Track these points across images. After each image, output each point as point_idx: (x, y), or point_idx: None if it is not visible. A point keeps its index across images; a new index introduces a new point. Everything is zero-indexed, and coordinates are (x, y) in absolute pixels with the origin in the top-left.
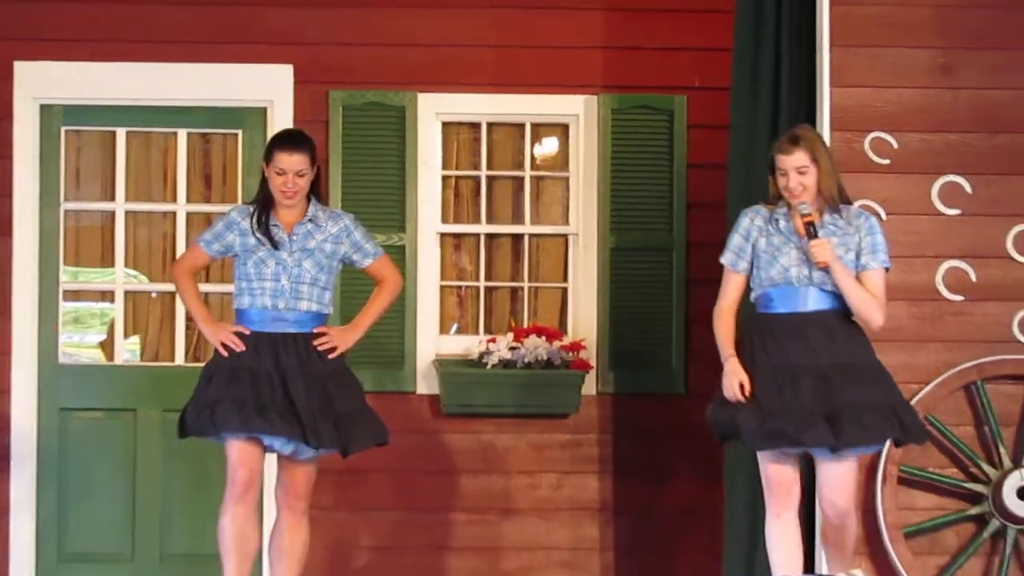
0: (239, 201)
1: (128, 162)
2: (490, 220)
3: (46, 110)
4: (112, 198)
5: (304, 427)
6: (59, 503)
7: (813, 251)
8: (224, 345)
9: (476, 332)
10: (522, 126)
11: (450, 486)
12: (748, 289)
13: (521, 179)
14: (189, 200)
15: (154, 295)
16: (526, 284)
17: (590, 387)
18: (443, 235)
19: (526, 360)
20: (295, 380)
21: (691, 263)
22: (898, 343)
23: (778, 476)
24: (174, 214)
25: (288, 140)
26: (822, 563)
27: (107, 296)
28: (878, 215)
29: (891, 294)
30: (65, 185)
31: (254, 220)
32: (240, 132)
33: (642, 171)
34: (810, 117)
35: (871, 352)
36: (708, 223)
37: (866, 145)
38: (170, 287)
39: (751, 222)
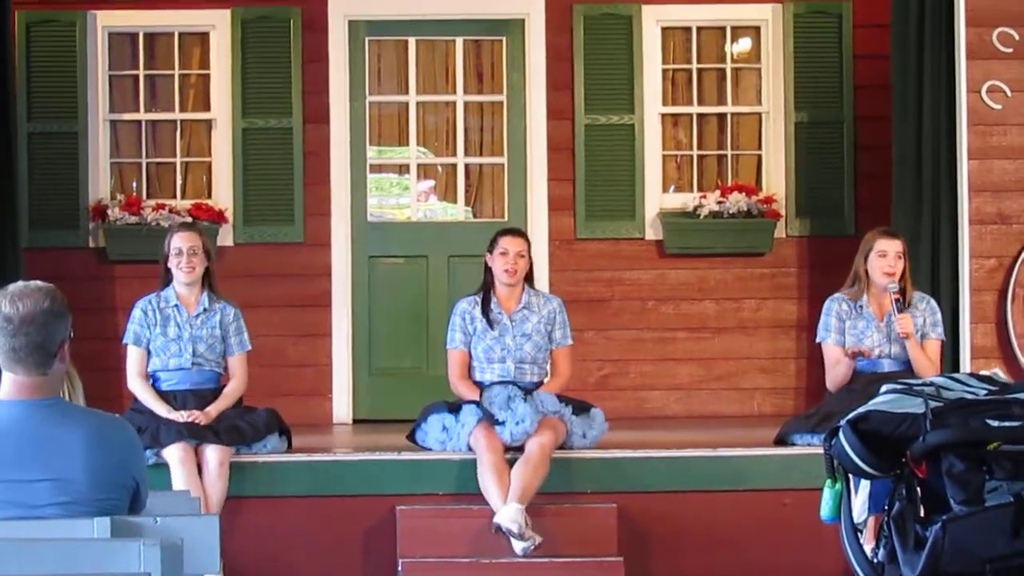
0: (504, 93)
1: (417, 64)
2: (700, 103)
3: (353, 25)
4: (406, 92)
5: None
6: (369, 330)
7: (899, 323)
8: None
9: (691, 190)
10: (724, 29)
11: (673, 310)
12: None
13: (724, 70)
14: (465, 92)
15: (440, 168)
16: (729, 152)
17: (780, 231)
18: (663, 115)
19: (730, 211)
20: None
21: (858, 132)
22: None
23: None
24: (454, 103)
25: (511, 230)
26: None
27: (403, 168)
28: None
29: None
30: (369, 83)
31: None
32: (504, 38)
33: (818, 62)
34: (949, 14)
35: None
36: (871, 101)
37: (994, 37)
38: (452, 160)
39: (839, 307)
